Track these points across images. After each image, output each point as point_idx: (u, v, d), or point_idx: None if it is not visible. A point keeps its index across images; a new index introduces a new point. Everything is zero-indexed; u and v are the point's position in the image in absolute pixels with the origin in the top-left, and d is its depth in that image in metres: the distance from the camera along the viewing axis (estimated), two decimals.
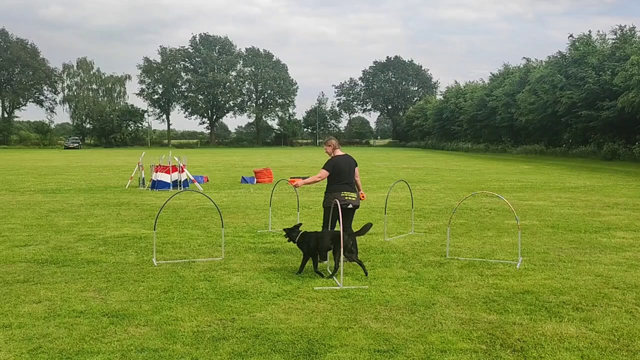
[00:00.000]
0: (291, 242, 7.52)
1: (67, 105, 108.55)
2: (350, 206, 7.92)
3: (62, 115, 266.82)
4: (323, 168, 8.05)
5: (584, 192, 18.00)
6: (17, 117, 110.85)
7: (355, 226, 8.35)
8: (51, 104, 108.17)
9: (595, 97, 43.27)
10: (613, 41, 46.88)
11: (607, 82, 42.10)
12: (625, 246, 9.05)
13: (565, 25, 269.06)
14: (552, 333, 5.06)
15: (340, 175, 7.98)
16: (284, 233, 7.60)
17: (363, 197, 8.42)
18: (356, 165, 8.25)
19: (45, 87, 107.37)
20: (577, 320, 5.40)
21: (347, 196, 7.91)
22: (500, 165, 36.31)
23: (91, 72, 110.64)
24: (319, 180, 8.16)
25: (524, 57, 73.83)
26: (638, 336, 4.98)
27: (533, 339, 4.92)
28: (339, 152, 8.25)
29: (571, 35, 49.92)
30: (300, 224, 7.84)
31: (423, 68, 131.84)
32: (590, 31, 51.90)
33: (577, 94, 44.74)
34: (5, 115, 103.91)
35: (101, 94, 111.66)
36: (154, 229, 8.23)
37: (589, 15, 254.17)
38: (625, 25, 47.37)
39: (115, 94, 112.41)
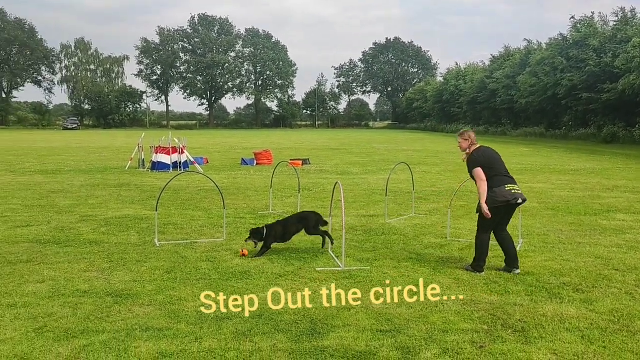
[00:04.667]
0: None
1: (65, 86, 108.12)
2: (519, 201, 6.51)
3: (60, 96, 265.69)
4: (474, 168, 6.69)
5: (584, 174, 18.02)
6: (15, 97, 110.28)
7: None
8: (49, 84, 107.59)
9: (596, 80, 43.11)
10: (614, 23, 46.55)
11: (608, 64, 41.91)
12: (625, 228, 9.09)
13: (564, 6, 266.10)
14: (552, 314, 5.10)
15: (494, 166, 6.66)
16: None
17: None
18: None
19: (43, 68, 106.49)
20: (577, 302, 5.45)
21: (514, 189, 6.50)
22: (500, 147, 36.02)
23: (89, 53, 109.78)
24: (485, 186, 6.53)
25: (525, 39, 73.10)
26: (638, 317, 5.02)
27: (534, 320, 4.96)
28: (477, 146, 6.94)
29: (573, 17, 49.61)
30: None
31: (423, 50, 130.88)
32: (593, 13, 51.59)
33: (577, 76, 44.57)
34: (4, 96, 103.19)
35: (99, 75, 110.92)
36: (156, 210, 8.25)
37: None
38: (626, 7, 47.08)
39: (114, 75, 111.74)
